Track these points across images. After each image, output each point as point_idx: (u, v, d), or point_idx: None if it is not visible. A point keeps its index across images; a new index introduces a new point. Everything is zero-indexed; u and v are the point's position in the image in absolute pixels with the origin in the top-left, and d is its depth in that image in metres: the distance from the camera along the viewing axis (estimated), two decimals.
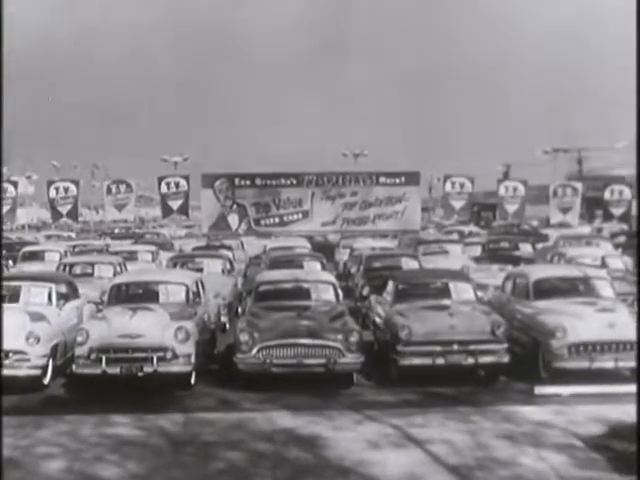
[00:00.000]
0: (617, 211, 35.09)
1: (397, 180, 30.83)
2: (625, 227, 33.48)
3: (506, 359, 11.52)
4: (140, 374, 11.07)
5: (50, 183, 34.21)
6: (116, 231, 44.44)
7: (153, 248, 24.85)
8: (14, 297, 12.60)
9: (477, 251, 25.05)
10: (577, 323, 11.51)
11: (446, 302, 12.84)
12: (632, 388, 9.20)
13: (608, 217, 35.67)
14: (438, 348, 11.41)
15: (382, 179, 30.85)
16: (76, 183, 34.61)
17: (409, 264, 19.40)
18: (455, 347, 11.43)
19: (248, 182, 30.78)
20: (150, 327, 11.35)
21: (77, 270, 18.81)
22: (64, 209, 33.77)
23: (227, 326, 16.26)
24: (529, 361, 12.13)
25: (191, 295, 13.05)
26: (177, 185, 32.42)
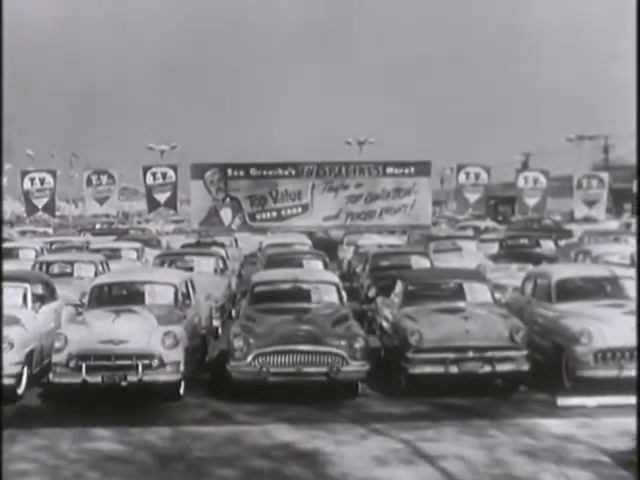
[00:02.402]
0: None
1: (406, 170, 30.80)
2: None
3: (526, 367, 11.52)
4: (124, 383, 11.07)
5: (24, 174, 34.20)
6: (97, 226, 44.38)
7: (138, 245, 24.86)
8: None
9: (494, 248, 25.01)
10: (604, 327, 11.50)
11: (460, 304, 12.84)
12: None
13: (638, 211, 35.61)
14: (451, 355, 11.42)
15: (390, 169, 30.81)
16: (53, 174, 34.58)
17: (419, 263, 19.38)
18: (470, 354, 11.43)
19: (242, 173, 30.76)
20: (135, 332, 11.35)
21: (55, 269, 18.82)
22: (40, 202, 33.76)
23: (219, 331, 16.26)
24: (551, 369, 12.12)
25: (180, 297, 13.05)
26: (164, 176, 32.39)
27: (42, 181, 33.65)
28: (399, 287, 13.72)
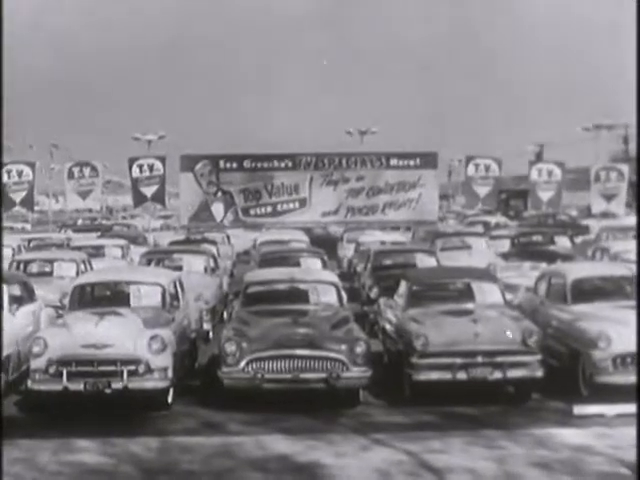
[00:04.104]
0: None
1: (411, 162, 30.80)
2: None
3: (539, 373, 11.52)
4: (108, 391, 11.06)
5: (1, 166, 34.14)
6: (79, 222, 44.44)
7: (123, 242, 24.89)
8: None
9: (505, 246, 25.08)
10: (623, 331, 11.49)
11: (469, 306, 12.85)
12: None
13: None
14: (459, 360, 11.42)
15: (393, 161, 30.82)
16: (32, 166, 34.54)
17: (425, 261, 19.43)
18: (479, 359, 11.43)
19: (235, 165, 30.76)
20: (119, 336, 11.35)
21: (33, 268, 18.83)
22: (17, 196, 33.70)
23: (210, 334, 16.27)
24: (567, 375, 12.14)
25: (168, 298, 13.05)
26: (151, 168, 32.36)
27: (20, 174, 33.58)
28: (403, 287, 13.72)
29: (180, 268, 18.55)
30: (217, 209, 30.78)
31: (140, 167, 32.33)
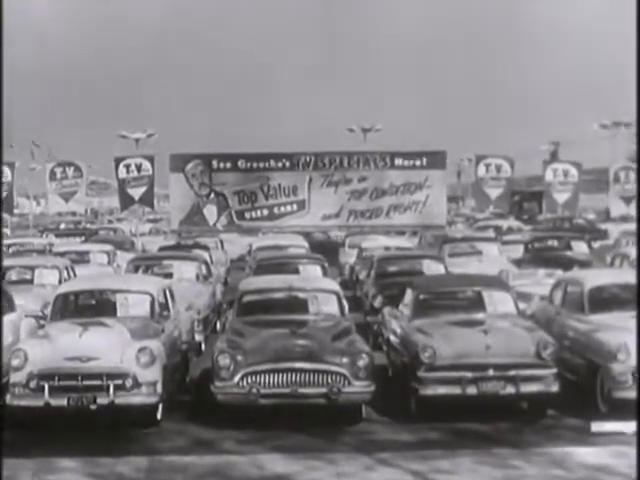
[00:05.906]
0: None
1: (417, 162, 30.77)
2: None
3: (555, 388, 11.54)
4: (93, 407, 11.07)
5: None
6: (62, 226, 44.50)
7: (109, 248, 24.95)
8: None
9: (518, 251, 25.12)
10: None
11: (479, 316, 12.87)
12: None
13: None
14: (469, 374, 11.43)
15: (398, 160, 30.78)
16: (11, 166, 34.57)
17: (432, 268, 19.45)
18: (490, 373, 11.45)
19: (229, 165, 30.73)
20: (105, 347, 11.36)
21: (12, 276, 18.82)
22: None
23: (203, 346, 16.28)
24: (584, 390, 12.15)
25: (157, 307, 13.07)
26: (139, 168, 32.34)
27: None
28: (409, 296, 13.73)
29: (170, 275, 18.58)
30: (210, 212, 30.74)
31: (127, 167, 32.28)
